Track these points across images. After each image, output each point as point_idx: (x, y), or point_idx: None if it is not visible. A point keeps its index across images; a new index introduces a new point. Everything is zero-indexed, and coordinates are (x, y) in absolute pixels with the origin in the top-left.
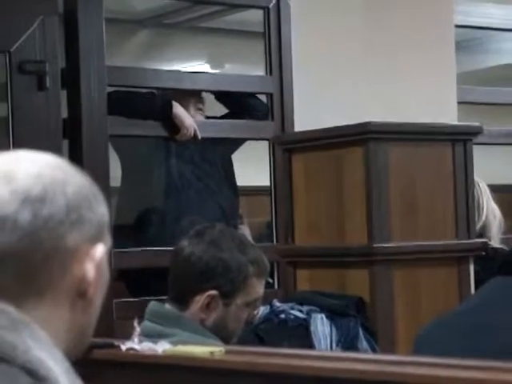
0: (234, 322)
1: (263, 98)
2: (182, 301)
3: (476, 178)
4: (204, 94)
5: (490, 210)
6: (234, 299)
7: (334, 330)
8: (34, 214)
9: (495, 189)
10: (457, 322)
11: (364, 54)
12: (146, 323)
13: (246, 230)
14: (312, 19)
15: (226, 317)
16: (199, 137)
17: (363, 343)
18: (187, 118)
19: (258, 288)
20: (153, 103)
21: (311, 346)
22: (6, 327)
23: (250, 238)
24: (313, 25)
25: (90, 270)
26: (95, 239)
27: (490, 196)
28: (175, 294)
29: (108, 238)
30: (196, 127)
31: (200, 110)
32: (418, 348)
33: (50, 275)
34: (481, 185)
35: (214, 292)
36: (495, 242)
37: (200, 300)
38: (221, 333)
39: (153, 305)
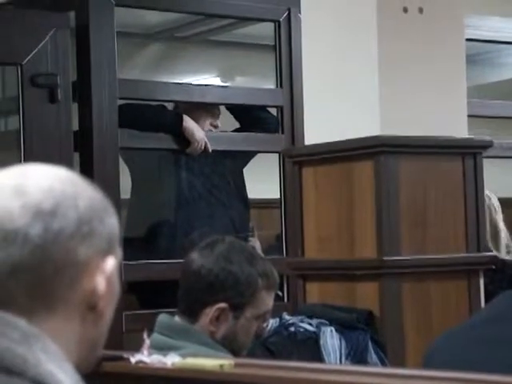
0: (243, 335)
1: (273, 111)
2: (192, 313)
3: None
4: (220, 109)
5: (494, 222)
6: (243, 312)
7: (343, 343)
8: (45, 228)
9: (507, 201)
10: (469, 335)
11: (374, 67)
12: (156, 336)
13: (256, 243)
14: (322, 32)
15: (235, 330)
16: (209, 150)
17: (373, 356)
18: (197, 132)
19: (268, 301)
20: (163, 117)
21: (321, 359)
22: (17, 340)
23: (260, 251)
24: (323, 38)
25: (100, 283)
26: (106, 252)
27: (495, 208)
28: (185, 306)
29: (119, 251)
30: (207, 140)
31: (215, 126)
32: (429, 360)
33: (60, 288)
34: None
35: (223, 305)
36: (501, 254)
37: (210, 313)
38: (230, 345)
39: (162, 317)
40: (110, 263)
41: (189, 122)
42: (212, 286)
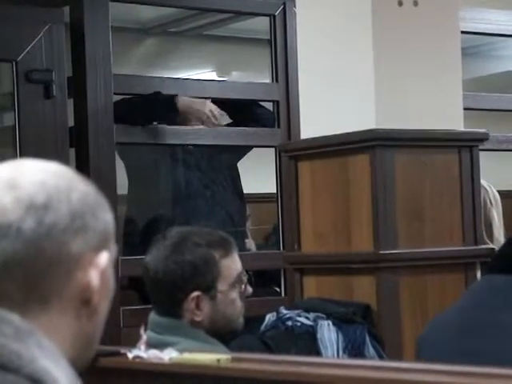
0: (230, 308)
1: (269, 105)
2: (174, 314)
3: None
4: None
5: (487, 215)
6: (216, 289)
7: (340, 336)
8: (38, 222)
9: (503, 194)
10: (453, 323)
11: (370, 61)
12: (149, 333)
13: (251, 245)
14: (318, 26)
15: (218, 308)
16: (218, 117)
17: (370, 350)
18: (202, 107)
19: (233, 264)
20: (156, 100)
21: (318, 353)
22: (11, 336)
23: (254, 249)
24: (318, 32)
25: (94, 277)
26: (100, 247)
27: (491, 201)
28: (164, 311)
29: (113, 246)
30: (212, 107)
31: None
32: (417, 352)
33: (54, 283)
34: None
35: (196, 293)
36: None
37: (188, 307)
38: (225, 324)
39: (153, 316)
40: (104, 258)
41: (186, 103)
42: (176, 284)
